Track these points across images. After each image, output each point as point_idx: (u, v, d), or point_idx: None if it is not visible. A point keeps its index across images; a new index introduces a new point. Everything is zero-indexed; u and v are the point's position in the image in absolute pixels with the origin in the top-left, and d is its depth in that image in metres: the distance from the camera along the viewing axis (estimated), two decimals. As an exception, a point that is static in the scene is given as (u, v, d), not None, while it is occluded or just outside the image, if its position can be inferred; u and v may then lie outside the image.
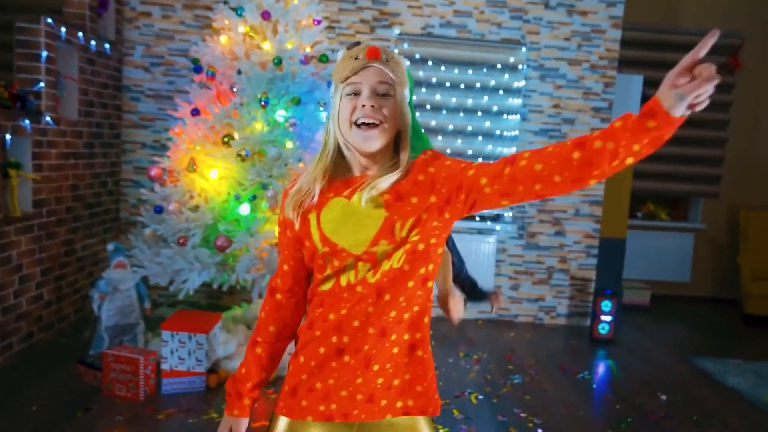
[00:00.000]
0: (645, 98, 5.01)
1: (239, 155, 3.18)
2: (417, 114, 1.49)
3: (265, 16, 3.30)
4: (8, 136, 3.04)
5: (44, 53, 3.25)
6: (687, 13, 5.32)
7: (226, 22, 3.38)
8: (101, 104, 3.95)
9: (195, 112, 3.30)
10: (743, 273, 4.98)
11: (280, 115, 3.31)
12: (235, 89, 3.27)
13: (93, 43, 3.75)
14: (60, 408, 2.71)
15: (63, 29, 3.40)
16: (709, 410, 3.17)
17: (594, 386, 3.45)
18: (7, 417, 2.61)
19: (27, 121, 3.14)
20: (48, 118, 3.33)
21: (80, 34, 3.59)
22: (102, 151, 4.02)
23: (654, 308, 5.23)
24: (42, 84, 3.27)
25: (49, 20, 3.26)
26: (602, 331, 4.23)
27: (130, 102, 4.25)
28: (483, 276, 4.52)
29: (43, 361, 3.22)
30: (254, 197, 3.21)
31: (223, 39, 3.37)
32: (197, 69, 3.40)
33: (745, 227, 5.21)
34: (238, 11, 3.31)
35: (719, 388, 3.50)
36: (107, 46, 3.95)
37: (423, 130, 1.75)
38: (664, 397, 3.32)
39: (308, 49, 3.47)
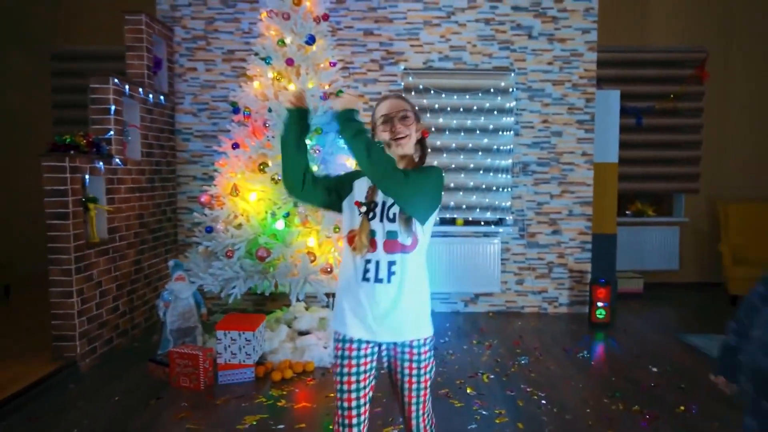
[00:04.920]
0: (623, 110, 5.10)
1: (273, 179, 3.41)
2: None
3: (289, 62, 3.55)
4: (87, 176, 3.33)
5: (113, 107, 3.55)
6: (654, 32, 5.41)
7: (258, 70, 3.64)
8: (159, 146, 4.25)
9: (235, 146, 3.55)
10: (725, 258, 4.98)
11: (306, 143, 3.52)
12: (267, 124, 3.51)
13: (150, 96, 4.06)
14: (137, 398, 2.93)
15: (127, 87, 3.71)
16: (696, 379, 3.20)
17: (592, 363, 3.52)
18: (97, 405, 2.84)
19: (101, 163, 3.43)
20: (117, 160, 3.62)
21: (140, 89, 3.90)
22: (161, 185, 4.31)
23: (648, 295, 5.24)
24: (112, 132, 3.56)
25: (116, 80, 3.58)
26: (599, 316, 4.29)
27: (182, 142, 4.55)
28: (492, 274, 4.63)
29: (121, 362, 3.45)
30: (287, 214, 3.42)
31: (255, 84, 3.62)
32: (235, 110, 3.66)
33: (724, 218, 5.21)
34: (266, 60, 3.57)
35: (706, 361, 3.52)
36: (162, 97, 4.26)
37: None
38: (654, 369, 3.36)
39: (326, 87, 3.70)
